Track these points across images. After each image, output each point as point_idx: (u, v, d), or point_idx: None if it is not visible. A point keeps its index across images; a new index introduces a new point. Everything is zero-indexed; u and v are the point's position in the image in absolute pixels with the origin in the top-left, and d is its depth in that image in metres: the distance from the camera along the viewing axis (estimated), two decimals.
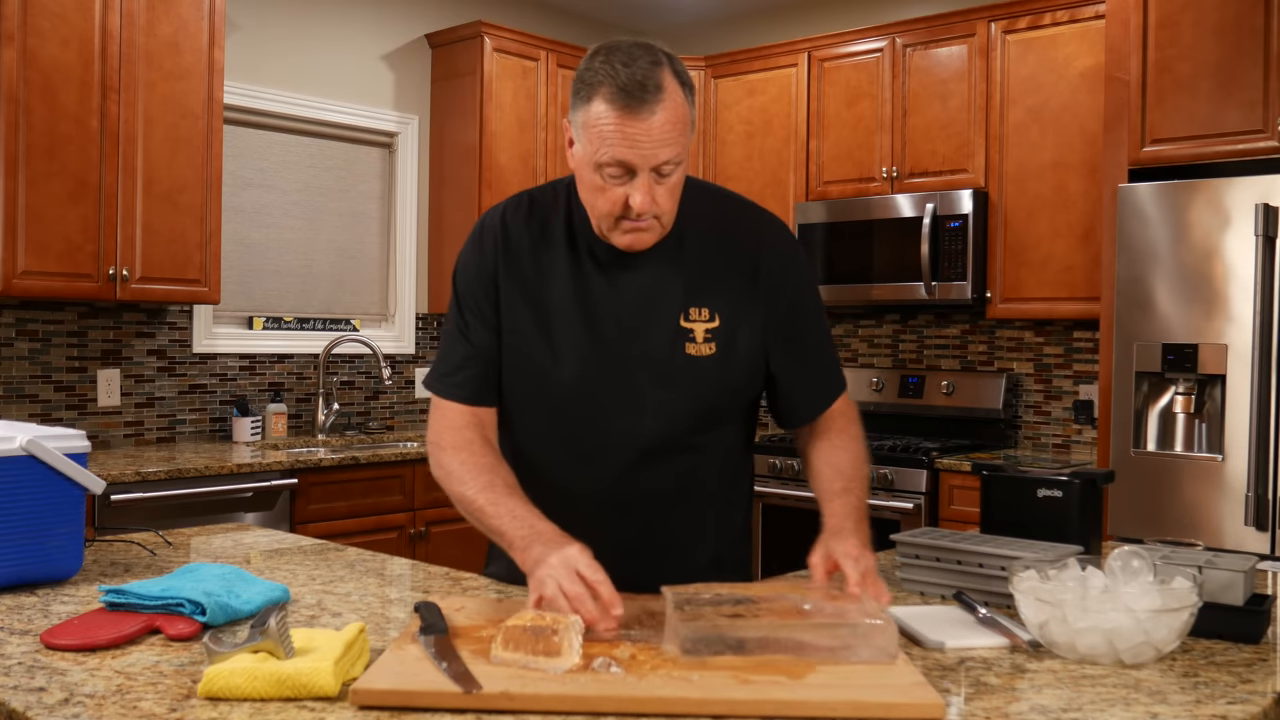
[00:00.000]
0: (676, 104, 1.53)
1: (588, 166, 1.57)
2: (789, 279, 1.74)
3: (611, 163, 1.54)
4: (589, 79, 1.54)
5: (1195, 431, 3.42)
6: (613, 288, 1.69)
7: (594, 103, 1.53)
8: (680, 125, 1.54)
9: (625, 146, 1.52)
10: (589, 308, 1.68)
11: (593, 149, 1.55)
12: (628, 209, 1.57)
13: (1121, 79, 3.63)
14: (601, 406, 1.69)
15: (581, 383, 1.68)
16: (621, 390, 1.68)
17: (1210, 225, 3.35)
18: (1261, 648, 1.47)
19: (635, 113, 1.50)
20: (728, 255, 1.71)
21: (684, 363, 1.67)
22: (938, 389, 4.74)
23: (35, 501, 1.70)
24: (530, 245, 1.72)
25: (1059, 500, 1.81)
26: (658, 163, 1.53)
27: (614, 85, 1.51)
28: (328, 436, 4.63)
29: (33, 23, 3.52)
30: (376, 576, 1.89)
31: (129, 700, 1.20)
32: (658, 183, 1.56)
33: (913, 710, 1.17)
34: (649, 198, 1.55)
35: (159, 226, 3.84)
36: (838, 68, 4.86)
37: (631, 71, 1.51)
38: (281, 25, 4.63)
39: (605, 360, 1.68)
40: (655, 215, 1.59)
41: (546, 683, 1.20)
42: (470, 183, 4.92)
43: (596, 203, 1.60)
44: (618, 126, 1.51)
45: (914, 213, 4.48)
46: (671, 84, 1.54)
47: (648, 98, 1.50)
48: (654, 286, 1.68)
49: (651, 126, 1.51)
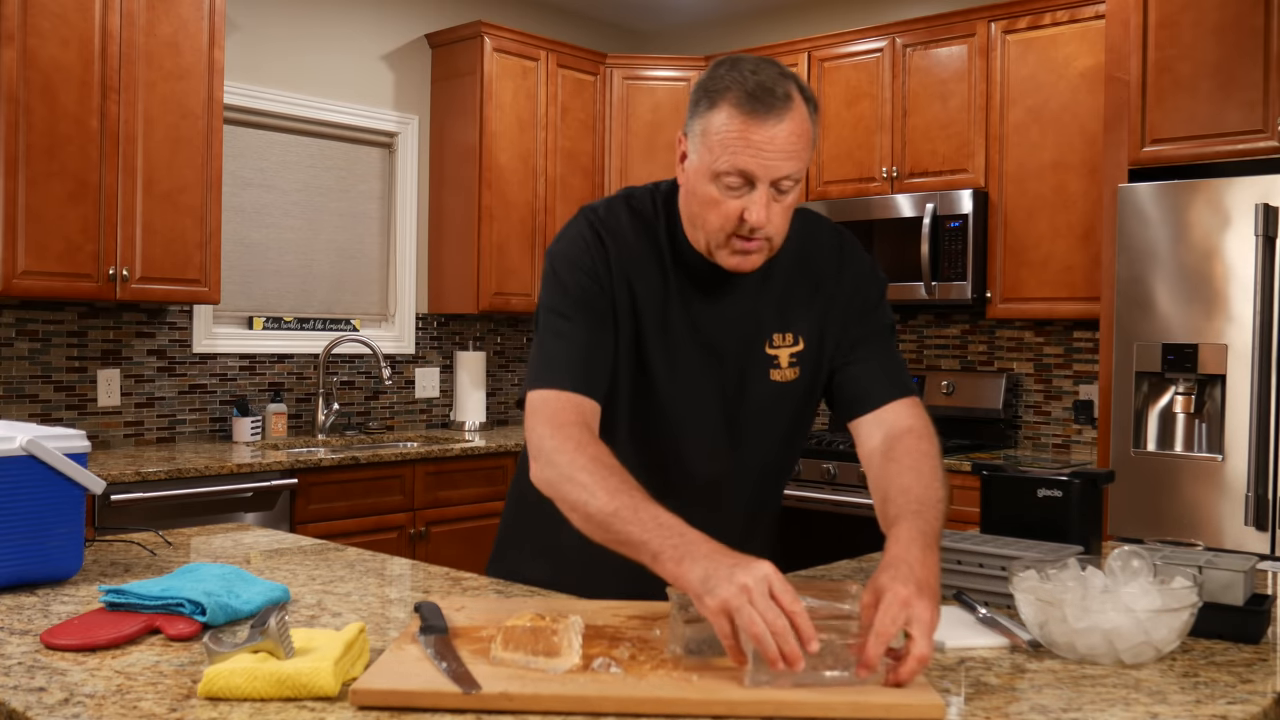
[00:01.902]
0: (802, 118, 1.49)
1: (704, 177, 1.51)
2: (865, 285, 1.72)
3: (732, 171, 1.48)
4: (713, 86, 1.50)
5: (1195, 431, 3.42)
6: (705, 313, 1.64)
7: (718, 109, 1.48)
8: (804, 140, 1.49)
9: (749, 154, 1.46)
10: (680, 332, 1.64)
11: (712, 157, 1.49)
12: (742, 223, 1.50)
13: (1121, 79, 3.63)
14: (683, 433, 1.66)
15: (665, 408, 1.65)
16: (705, 417, 1.66)
17: (1210, 225, 3.35)
18: (1261, 648, 1.47)
19: (762, 119, 1.45)
20: (811, 277, 1.69)
21: (770, 389, 1.66)
22: (938, 389, 4.74)
23: (35, 501, 1.70)
24: (635, 255, 1.64)
25: (1059, 500, 1.81)
26: (779, 175, 1.48)
27: (742, 91, 1.46)
28: (328, 436, 4.63)
29: (33, 23, 3.52)
30: (376, 576, 1.89)
31: (129, 700, 1.20)
32: (775, 199, 1.50)
33: (913, 710, 1.17)
34: (766, 213, 1.48)
35: (159, 226, 3.84)
36: (838, 68, 4.86)
37: (760, 79, 1.47)
38: (281, 25, 4.63)
39: (692, 387, 1.65)
40: (767, 235, 1.52)
41: (546, 683, 1.20)
42: (470, 183, 4.92)
43: (709, 217, 1.53)
44: (742, 133, 1.46)
45: (914, 213, 4.48)
46: (799, 99, 1.49)
47: (776, 104, 1.46)
48: (744, 313, 1.66)
49: (777, 135, 1.46)
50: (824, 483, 4.39)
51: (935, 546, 1.38)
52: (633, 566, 1.38)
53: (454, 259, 4.99)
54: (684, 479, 1.68)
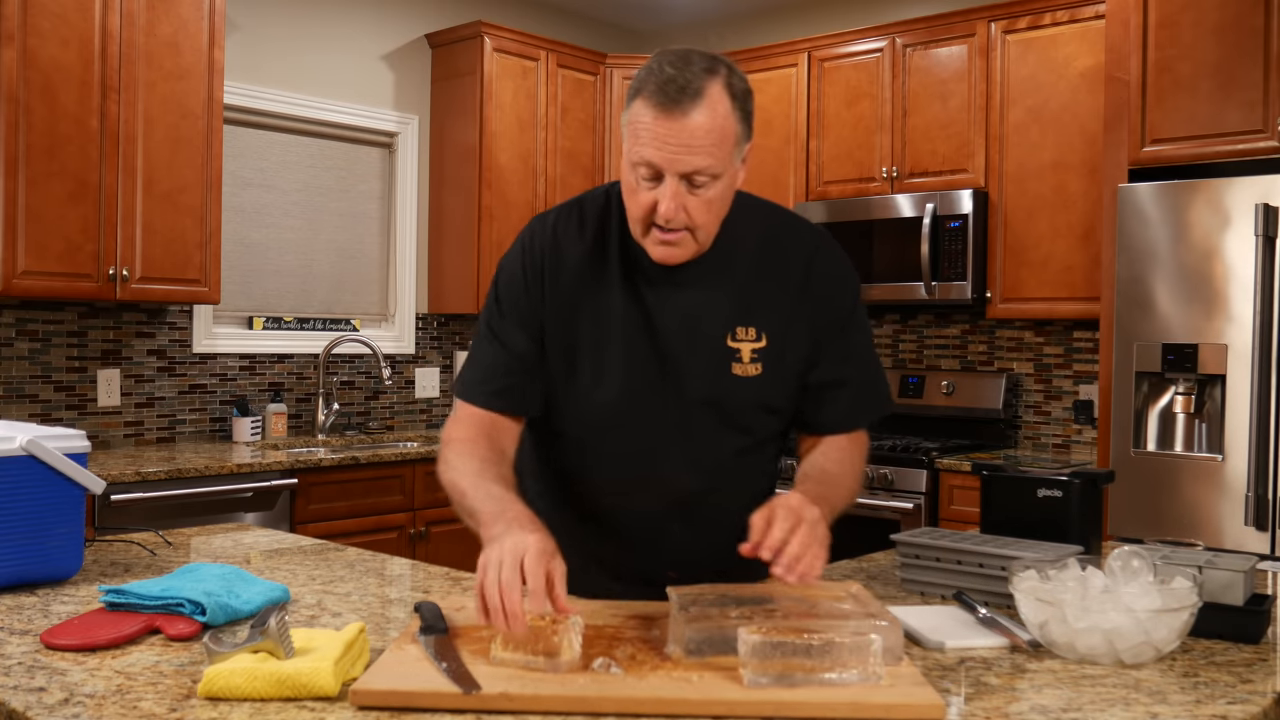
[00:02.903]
0: (717, 114, 1.48)
1: (626, 167, 1.55)
2: (838, 294, 1.70)
3: (640, 162, 1.50)
4: (638, 77, 1.52)
5: (1195, 431, 3.42)
6: (659, 305, 1.64)
7: (635, 100, 1.51)
8: (717, 136, 1.48)
9: (654, 147, 1.48)
10: (634, 326, 1.64)
11: (628, 148, 1.53)
12: (654, 214, 1.52)
13: (1121, 79, 3.63)
14: (643, 428, 1.66)
15: (623, 403, 1.65)
16: (665, 411, 1.65)
17: (1210, 225, 3.35)
18: (1261, 648, 1.47)
19: (669, 113, 1.47)
20: (777, 273, 1.68)
21: (730, 383, 1.65)
22: (938, 389, 4.74)
23: (35, 501, 1.70)
24: (581, 257, 1.66)
25: (1059, 500, 1.81)
26: (685, 170, 1.48)
27: (655, 83, 1.48)
28: (328, 436, 4.63)
29: (33, 23, 3.52)
30: (376, 576, 1.89)
31: (129, 700, 1.20)
32: (690, 193, 1.50)
33: (913, 710, 1.17)
34: (674, 205, 1.49)
35: (159, 226, 3.84)
36: (838, 68, 4.86)
37: (672, 73, 1.48)
38: (281, 25, 4.63)
39: (649, 380, 1.64)
40: (688, 228, 1.53)
41: (546, 683, 1.20)
42: (470, 183, 4.92)
43: (630, 206, 1.56)
44: (650, 125, 1.48)
45: (914, 213, 4.48)
46: (718, 94, 1.48)
47: (684, 99, 1.46)
48: (701, 305, 1.65)
49: (682, 129, 1.46)
50: None
51: (829, 509, 1.49)
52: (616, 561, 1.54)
53: (454, 259, 4.99)
54: (648, 473, 1.68)
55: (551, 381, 1.67)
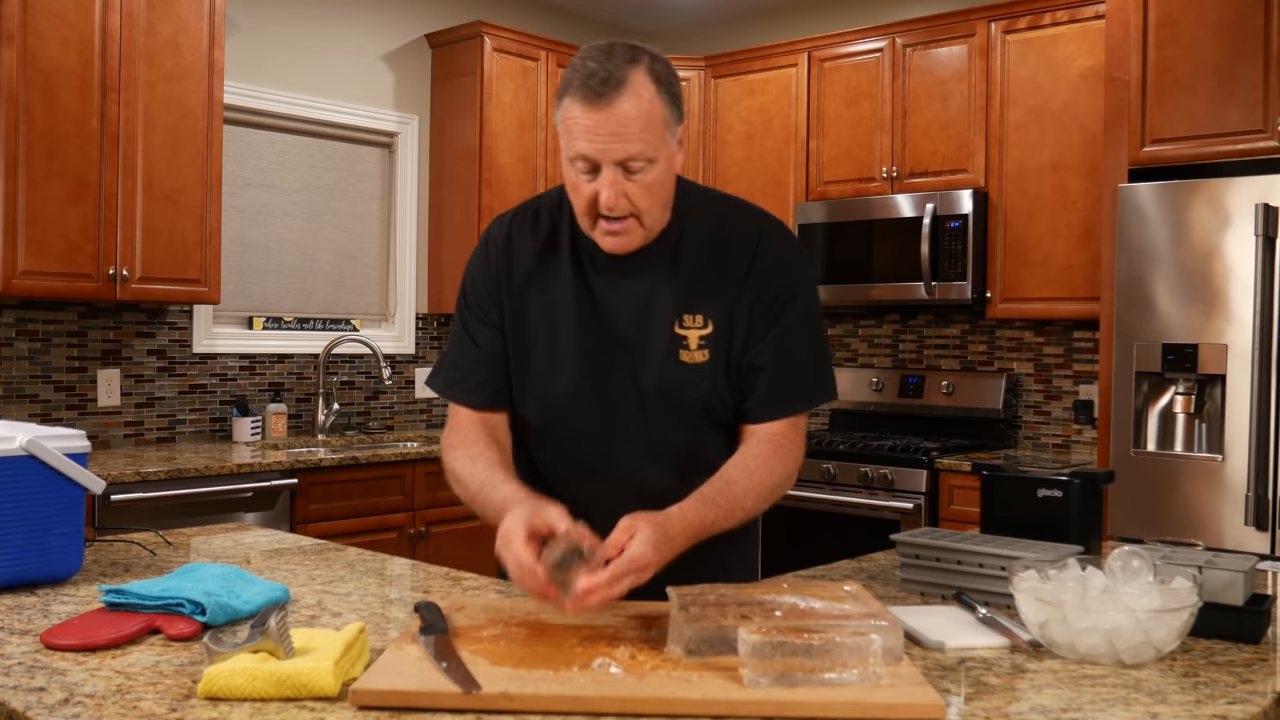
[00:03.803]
0: (642, 100, 1.53)
1: (565, 164, 1.60)
2: (776, 278, 1.70)
3: (577, 157, 1.56)
4: (564, 77, 1.58)
5: (1195, 431, 3.42)
6: (610, 295, 1.69)
7: (564, 99, 1.57)
8: (645, 120, 1.53)
9: (585, 140, 1.53)
10: (586, 315, 1.69)
11: (563, 145, 1.58)
12: (598, 205, 1.58)
13: (1121, 79, 3.63)
14: (599, 415, 1.70)
15: (578, 391, 1.69)
16: (618, 398, 1.69)
17: (1210, 225, 3.35)
18: (1261, 648, 1.47)
19: (595, 106, 1.52)
20: (724, 259, 1.70)
21: (678, 370, 1.67)
22: (938, 389, 4.74)
23: (35, 501, 1.70)
24: (534, 253, 1.73)
25: (1059, 500, 1.81)
26: (619, 158, 1.54)
27: (578, 79, 1.54)
28: (328, 436, 4.63)
29: (33, 23, 3.52)
30: (376, 576, 1.89)
31: (129, 700, 1.20)
32: (628, 179, 1.56)
33: (913, 710, 1.17)
34: (615, 194, 1.55)
35: (159, 226, 3.84)
36: (838, 68, 4.86)
37: (598, 67, 1.53)
38: (281, 25, 4.63)
39: (601, 368, 1.69)
40: (633, 214, 1.59)
41: (546, 683, 1.20)
42: (470, 183, 4.92)
43: (574, 201, 1.62)
44: (579, 120, 1.54)
45: (914, 213, 4.48)
46: (641, 81, 1.54)
47: (608, 91, 1.52)
48: (649, 293, 1.68)
49: (609, 121, 1.52)
50: (824, 483, 4.39)
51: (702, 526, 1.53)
52: None
53: (454, 259, 4.99)
54: (605, 460, 1.72)
55: (513, 373, 1.74)
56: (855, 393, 5.00)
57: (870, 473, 4.27)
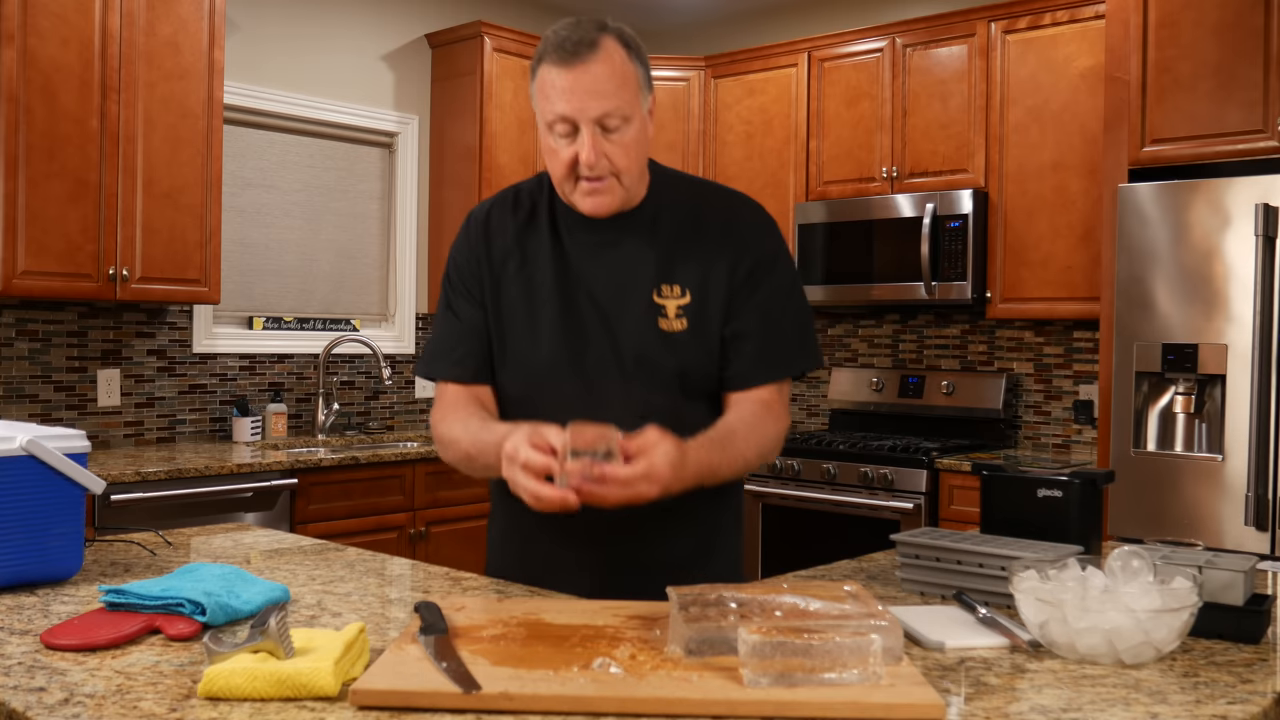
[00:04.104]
0: (615, 61, 1.62)
1: (543, 133, 1.66)
2: (754, 247, 1.75)
3: (556, 119, 1.62)
4: (537, 52, 1.66)
5: (1195, 431, 3.42)
6: (588, 265, 1.74)
7: (540, 68, 1.64)
8: (619, 79, 1.61)
9: (564, 100, 1.60)
10: (565, 286, 1.74)
11: (541, 112, 1.65)
12: (578, 165, 1.63)
13: (1121, 79, 3.63)
14: (579, 383, 1.73)
15: (557, 360, 1.74)
16: (597, 367, 1.72)
17: (1210, 225, 3.35)
18: (1261, 648, 1.47)
19: (570, 67, 1.60)
20: (701, 232, 1.75)
21: (656, 338, 1.71)
22: (938, 389, 4.74)
23: (35, 501, 1.70)
24: (515, 231, 1.79)
25: (1059, 500, 1.81)
26: (596, 114, 1.60)
27: (553, 46, 1.62)
28: (328, 436, 4.63)
29: (33, 23, 3.52)
30: (376, 576, 1.89)
31: (129, 700, 1.20)
32: (605, 138, 1.62)
33: (913, 710, 1.17)
34: (595, 151, 1.61)
35: (159, 226, 3.84)
36: (838, 68, 4.86)
37: (565, 34, 1.63)
38: (281, 25, 4.63)
39: (579, 338, 1.73)
40: (612, 173, 1.65)
41: (546, 683, 1.20)
42: (470, 183, 4.92)
43: (554, 167, 1.67)
44: (555, 83, 1.61)
45: (914, 213, 4.48)
46: (611, 45, 1.63)
47: (582, 52, 1.60)
48: (628, 264, 1.72)
49: (584, 78, 1.60)
50: (824, 483, 4.38)
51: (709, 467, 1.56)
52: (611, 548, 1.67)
53: None
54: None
55: (495, 347, 1.79)
56: (855, 393, 5.00)
57: (870, 473, 4.27)
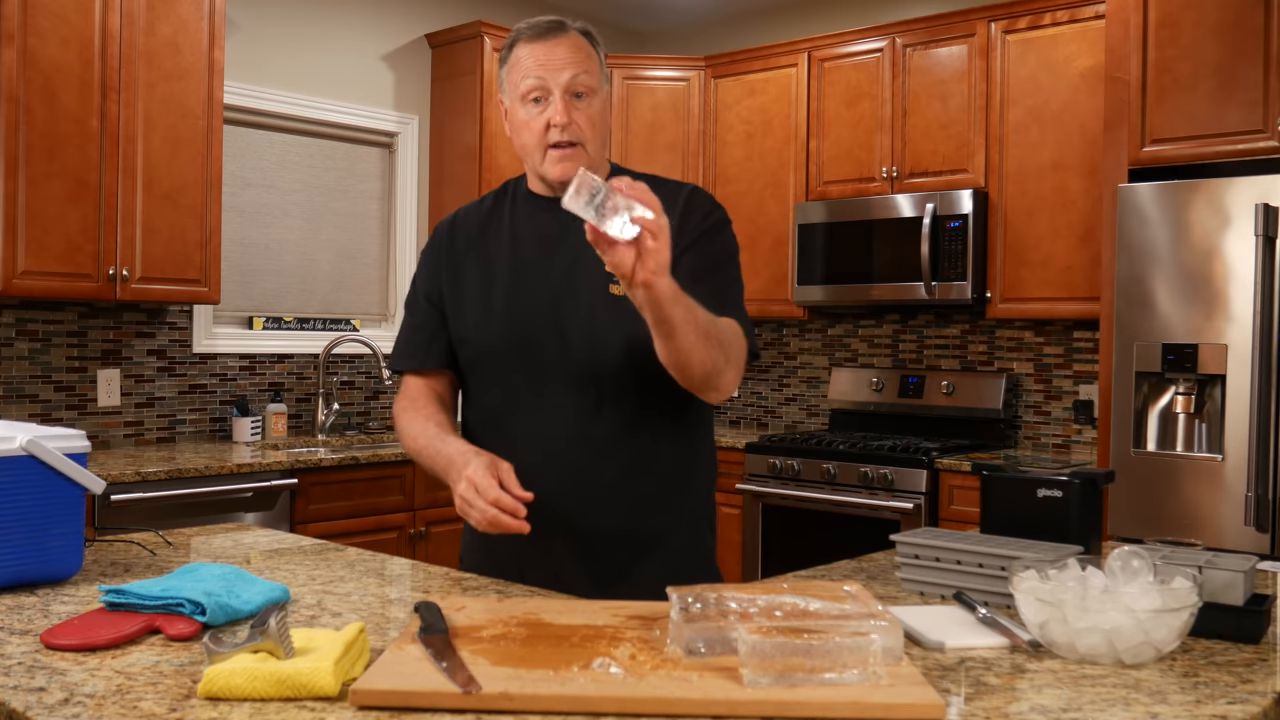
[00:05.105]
0: (580, 43, 1.82)
1: (516, 111, 1.82)
2: (698, 220, 1.85)
3: (530, 89, 1.79)
4: (508, 41, 1.85)
5: (1195, 431, 3.42)
6: (543, 238, 1.87)
7: (512, 50, 1.83)
8: (584, 55, 1.81)
9: (539, 70, 1.79)
10: (520, 258, 1.88)
11: (515, 87, 1.81)
12: (550, 131, 1.78)
13: (1121, 79, 3.63)
14: (533, 349, 1.83)
15: (510, 327, 1.85)
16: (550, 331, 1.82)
17: (1210, 225, 3.35)
18: (1261, 648, 1.47)
19: (543, 41, 1.80)
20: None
21: (609, 301, 1.80)
22: (938, 389, 4.74)
23: (35, 501, 1.70)
24: (479, 220, 1.95)
25: (1059, 500, 1.81)
26: (567, 79, 1.78)
27: (525, 30, 1.83)
28: (328, 436, 4.63)
29: (33, 23, 3.52)
30: (376, 576, 1.89)
31: (129, 700, 1.20)
32: (575, 106, 1.79)
33: (913, 710, 1.17)
34: (567, 115, 1.78)
35: (159, 226, 3.84)
36: (838, 68, 4.86)
37: (537, 20, 1.83)
38: (281, 25, 4.63)
39: (531, 305, 1.84)
40: (580, 142, 1.80)
41: (546, 683, 1.20)
42: (470, 183, 4.92)
43: (526, 139, 1.82)
44: (529, 58, 1.80)
45: (914, 213, 4.48)
46: (575, 33, 1.83)
47: (552, 30, 1.81)
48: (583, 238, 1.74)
49: (557, 49, 1.79)
50: (824, 483, 4.39)
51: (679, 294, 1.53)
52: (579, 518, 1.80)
53: None
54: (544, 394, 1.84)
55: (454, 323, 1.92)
56: (855, 393, 5.00)
57: (870, 473, 4.27)
